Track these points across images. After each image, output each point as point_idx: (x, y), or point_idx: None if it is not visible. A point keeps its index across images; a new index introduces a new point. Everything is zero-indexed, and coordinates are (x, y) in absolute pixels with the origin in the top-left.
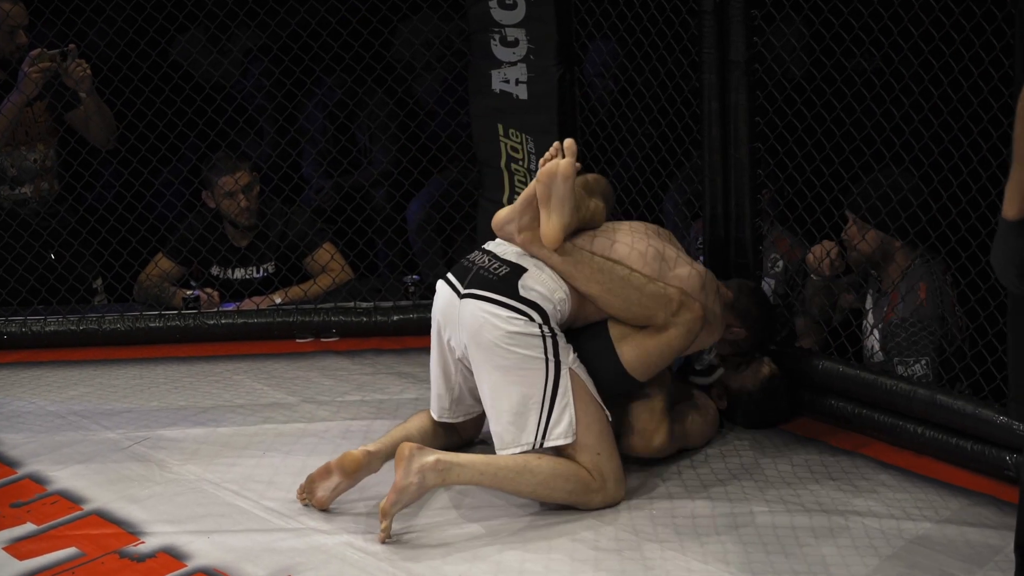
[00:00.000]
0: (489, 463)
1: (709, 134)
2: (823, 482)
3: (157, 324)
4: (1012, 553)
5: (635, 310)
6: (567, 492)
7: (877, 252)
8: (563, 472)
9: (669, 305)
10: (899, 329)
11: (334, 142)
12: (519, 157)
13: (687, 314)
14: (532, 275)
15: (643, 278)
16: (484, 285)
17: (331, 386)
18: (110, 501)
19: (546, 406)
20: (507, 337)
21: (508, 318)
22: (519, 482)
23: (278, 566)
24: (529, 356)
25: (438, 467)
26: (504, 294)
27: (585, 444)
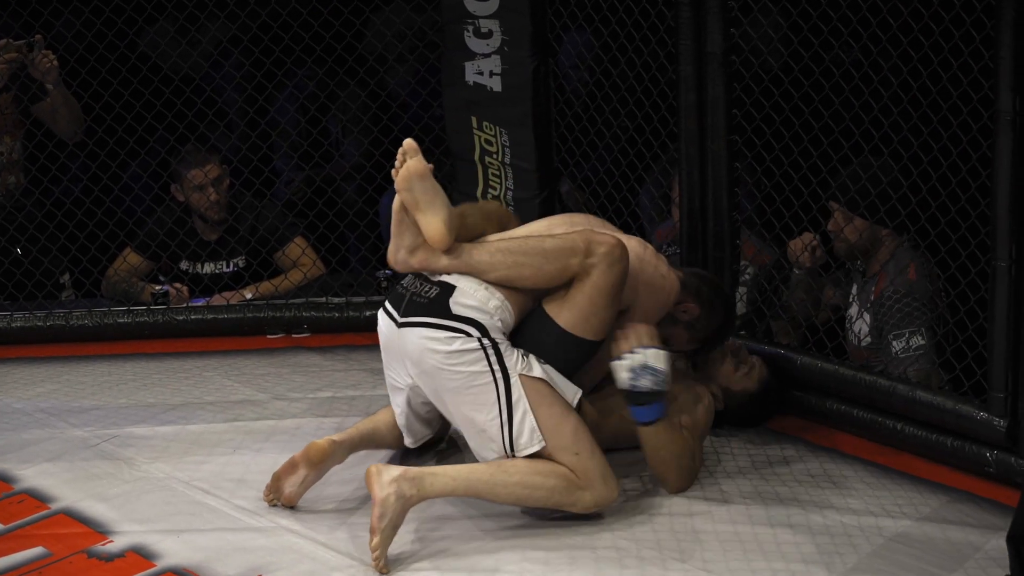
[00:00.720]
0: (461, 469)
1: (685, 127)
2: (801, 479)
3: (125, 320)
4: (992, 551)
5: (548, 269)
6: (548, 490)
7: (864, 241)
8: (540, 470)
9: (576, 248)
10: (891, 301)
11: (305, 135)
12: (493, 150)
13: (600, 248)
14: (462, 290)
15: (541, 238)
16: (418, 311)
17: (303, 383)
18: (78, 500)
19: (504, 418)
20: (448, 358)
21: (446, 339)
22: (495, 485)
23: (249, 566)
24: (474, 372)
25: (407, 476)
26: (437, 315)
27: (559, 446)
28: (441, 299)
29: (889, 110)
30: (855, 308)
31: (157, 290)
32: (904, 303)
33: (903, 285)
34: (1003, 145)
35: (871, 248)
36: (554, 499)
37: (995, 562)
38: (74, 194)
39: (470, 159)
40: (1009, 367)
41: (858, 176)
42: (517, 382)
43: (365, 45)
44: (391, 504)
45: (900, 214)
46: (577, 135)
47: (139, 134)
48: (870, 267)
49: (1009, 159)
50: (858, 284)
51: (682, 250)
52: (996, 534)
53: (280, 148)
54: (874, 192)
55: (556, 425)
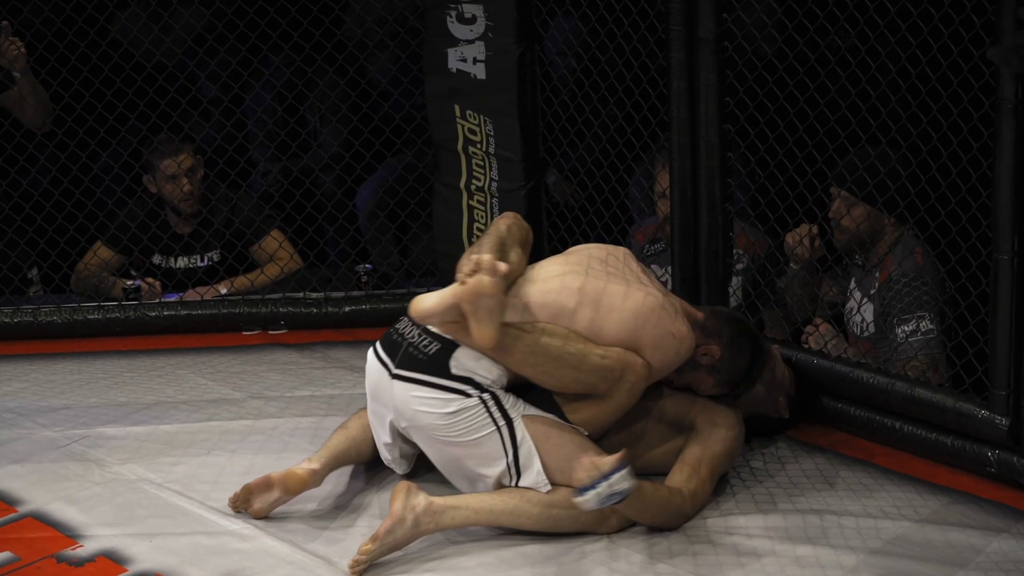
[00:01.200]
0: (484, 501)
1: (676, 115)
2: (797, 480)
3: (96, 316)
4: (994, 554)
5: (573, 387)
6: (574, 519)
7: (865, 231)
8: (562, 502)
9: (610, 375)
10: (900, 285)
11: (282, 124)
12: (477, 140)
13: (630, 377)
14: (465, 351)
15: (580, 351)
16: (414, 366)
17: (279, 381)
18: (47, 503)
19: (511, 465)
20: (445, 419)
21: (442, 400)
22: (519, 516)
23: (224, 570)
24: (475, 431)
25: (432, 510)
26: (435, 374)
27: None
28: (441, 358)
29: (887, 98)
30: (854, 299)
31: (128, 285)
32: (913, 286)
33: (911, 268)
34: (1005, 134)
35: (872, 239)
36: (580, 525)
37: (997, 565)
38: (43, 186)
39: (453, 149)
40: (1012, 364)
41: (863, 160)
42: (520, 424)
43: (344, 31)
44: (405, 527)
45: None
46: (564, 124)
47: (110, 124)
48: (869, 259)
49: (1011, 149)
50: (856, 277)
51: (674, 243)
52: (998, 536)
53: (256, 138)
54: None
55: (568, 456)
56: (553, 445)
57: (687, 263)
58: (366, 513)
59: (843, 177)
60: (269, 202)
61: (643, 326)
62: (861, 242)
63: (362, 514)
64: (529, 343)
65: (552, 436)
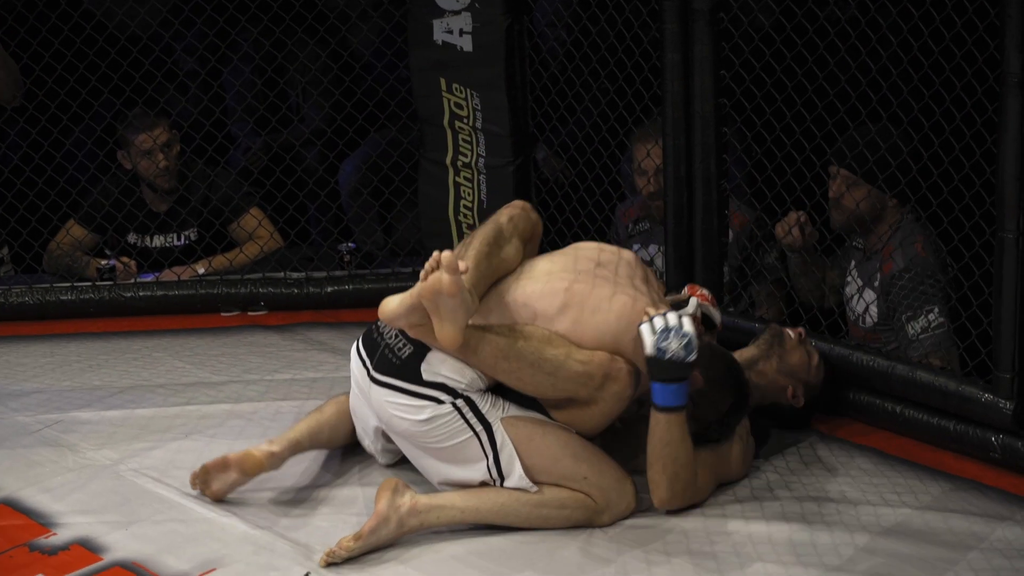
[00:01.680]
0: (469, 500)
1: (670, 89)
2: (794, 466)
3: (69, 297)
4: (997, 542)
5: (551, 394)
6: (565, 519)
7: (866, 211)
8: (553, 502)
9: (590, 382)
10: (904, 281)
11: (262, 98)
12: (463, 114)
13: (613, 386)
14: (437, 354)
15: (554, 358)
16: (388, 370)
17: (259, 364)
18: (18, 489)
19: (492, 467)
20: (420, 426)
21: (414, 407)
22: (507, 515)
23: (202, 559)
24: (451, 437)
25: (416, 509)
26: (407, 380)
27: (563, 476)
28: (412, 362)
29: (888, 71)
30: (854, 286)
31: (103, 265)
32: (917, 281)
33: (914, 263)
34: (1010, 109)
35: (873, 220)
36: (571, 523)
37: (1000, 553)
38: (13, 162)
39: (439, 124)
40: (1017, 346)
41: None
42: (499, 428)
43: (326, 1)
44: (389, 527)
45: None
46: (554, 98)
47: (83, 97)
48: (871, 243)
49: (1016, 124)
50: (856, 260)
51: (667, 222)
52: (1002, 524)
53: (235, 112)
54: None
55: (553, 457)
56: (537, 447)
57: (681, 242)
58: (349, 502)
59: (843, 154)
60: (248, 179)
61: (626, 330)
62: (862, 222)
63: (345, 503)
64: (501, 346)
65: (535, 437)
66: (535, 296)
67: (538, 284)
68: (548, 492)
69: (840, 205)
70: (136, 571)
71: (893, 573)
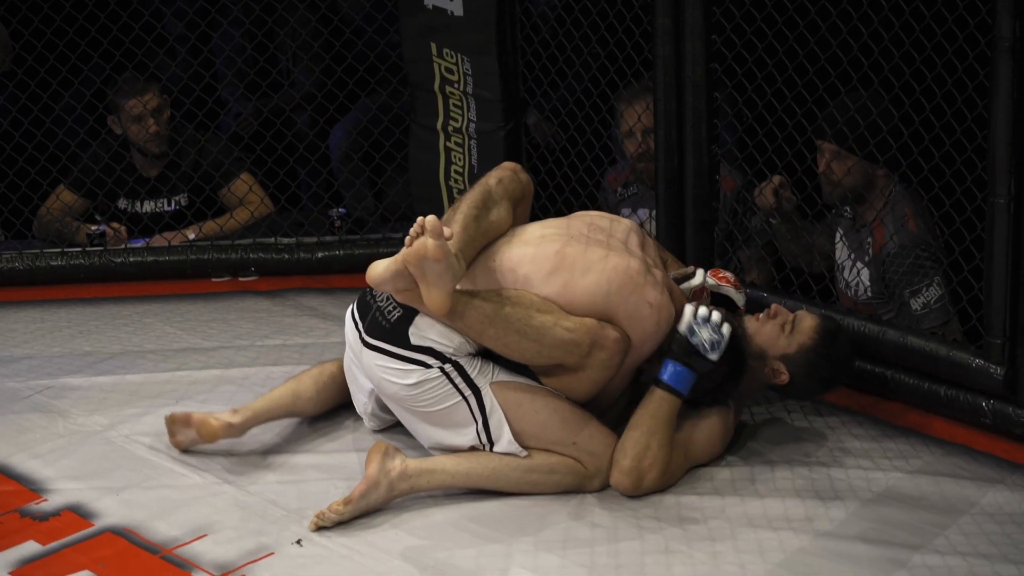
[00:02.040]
0: (460, 464)
1: (661, 53)
2: (785, 432)
3: (59, 263)
4: (988, 506)
5: (538, 360)
6: (554, 484)
7: (856, 182)
8: (542, 467)
9: (576, 350)
10: (899, 258)
11: (252, 63)
12: (454, 80)
13: (600, 353)
14: (424, 318)
15: (540, 325)
16: (378, 334)
17: (250, 329)
18: (9, 455)
19: (481, 432)
20: (408, 390)
21: (402, 371)
22: (497, 479)
23: (193, 524)
24: (440, 401)
25: (406, 473)
26: (395, 343)
27: (553, 441)
28: (401, 326)
29: (879, 36)
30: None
31: (93, 230)
32: (914, 259)
33: (907, 239)
34: (1002, 74)
35: (864, 190)
36: (561, 488)
37: (991, 518)
38: (2, 127)
39: (430, 89)
40: (1008, 311)
41: (848, 108)
42: (488, 392)
43: None
44: (379, 491)
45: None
46: (545, 63)
47: (72, 62)
48: (862, 214)
49: (1008, 89)
50: (844, 229)
51: (658, 187)
52: (992, 488)
53: (225, 77)
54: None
55: (542, 422)
56: (526, 412)
57: (672, 208)
58: (341, 467)
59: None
60: (239, 144)
61: (617, 292)
62: (854, 193)
63: (337, 468)
64: (488, 312)
65: (524, 402)
66: (526, 259)
67: (529, 248)
68: (538, 457)
69: (829, 180)
70: (127, 536)
71: (885, 538)
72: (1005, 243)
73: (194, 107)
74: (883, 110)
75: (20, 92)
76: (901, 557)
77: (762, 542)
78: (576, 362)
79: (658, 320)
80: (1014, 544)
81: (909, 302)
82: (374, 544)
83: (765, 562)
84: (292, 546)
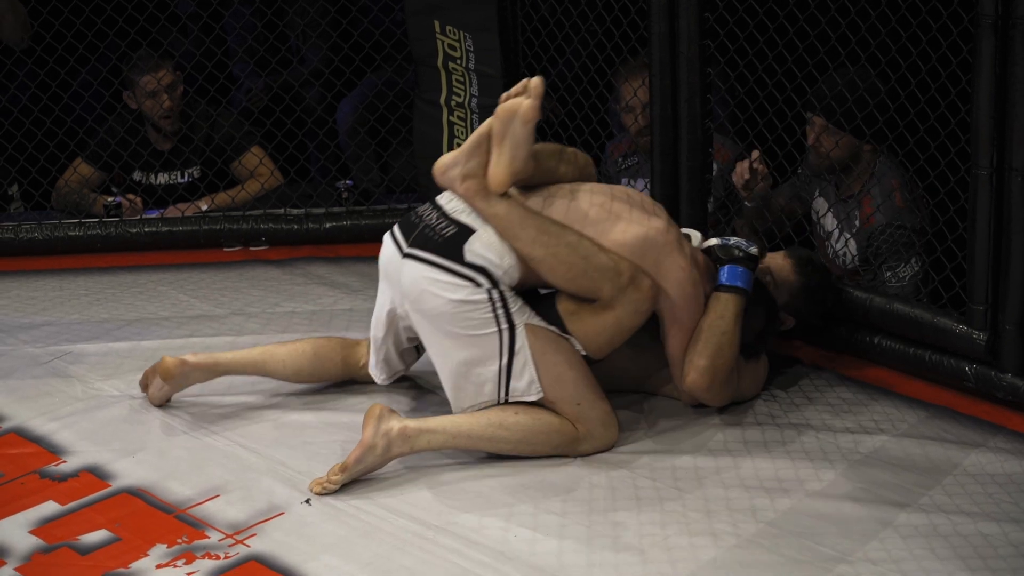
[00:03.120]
0: (460, 425)
1: (656, 30)
2: (776, 394)
3: (77, 233)
4: (971, 467)
5: (580, 280)
6: (551, 447)
7: (843, 154)
8: (542, 428)
9: (618, 279)
10: (884, 236)
11: (262, 40)
12: (457, 56)
13: (635, 293)
14: (481, 237)
15: (592, 246)
16: (427, 246)
17: (261, 297)
18: (29, 418)
19: (503, 367)
20: (451, 306)
21: (451, 285)
22: (496, 441)
23: (206, 486)
24: (478, 322)
25: (405, 434)
26: (448, 257)
27: (561, 397)
28: (456, 241)
29: (867, 13)
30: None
31: (109, 201)
32: (900, 234)
33: (893, 216)
34: (984, 50)
35: (851, 162)
36: (553, 451)
37: (974, 478)
38: (22, 102)
39: (433, 65)
40: (990, 279)
41: (836, 84)
42: (522, 332)
43: None
44: (376, 453)
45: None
46: (544, 40)
47: (88, 40)
48: (849, 185)
49: (990, 64)
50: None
51: (653, 160)
52: (975, 450)
53: (236, 54)
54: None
55: (559, 375)
56: (549, 360)
57: (667, 180)
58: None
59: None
60: (249, 118)
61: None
62: (842, 165)
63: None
64: (542, 221)
65: (549, 351)
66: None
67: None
68: (537, 418)
69: (818, 152)
70: (142, 497)
71: (872, 498)
72: (987, 213)
73: (206, 83)
74: (870, 86)
75: (39, 68)
76: (888, 516)
77: (754, 502)
78: (611, 294)
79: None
80: (995, 503)
81: (886, 276)
82: (381, 504)
83: (757, 521)
84: (301, 506)
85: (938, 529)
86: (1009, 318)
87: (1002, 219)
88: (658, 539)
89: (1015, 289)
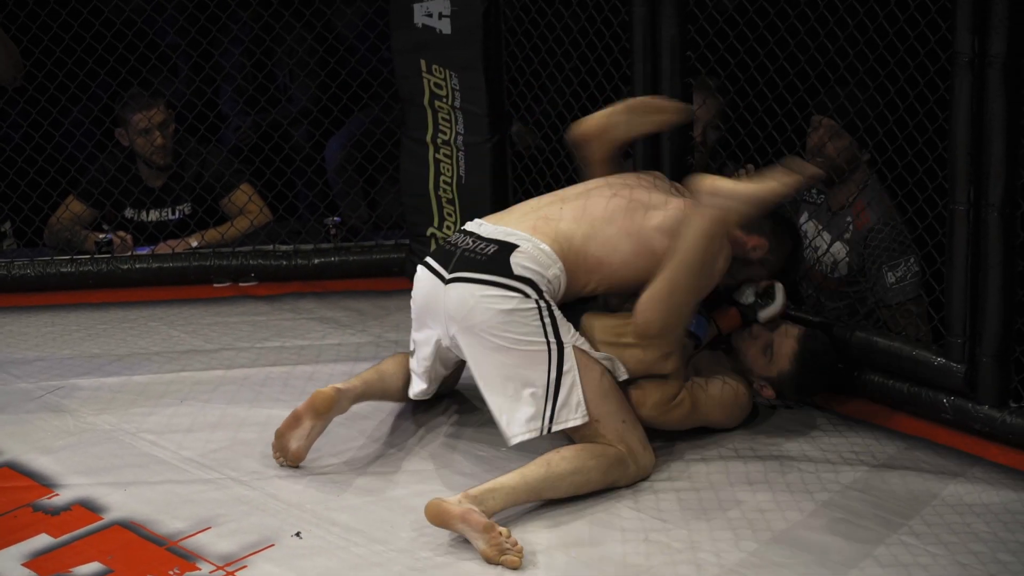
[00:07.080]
0: (513, 477)
1: (638, 70)
2: (756, 428)
3: (69, 269)
4: (949, 498)
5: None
6: (601, 471)
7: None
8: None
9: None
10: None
11: (251, 79)
12: (443, 94)
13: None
14: (524, 251)
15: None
16: (473, 267)
17: (250, 332)
18: (22, 453)
19: (552, 387)
20: (502, 316)
21: (501, 297)
22: (553, 480)
23: (198, 518)
24: (527, 336)
25: (470, 495)
26: (496, 273)
27: (606, 413)
28: (500, 257)
29: (845, 52)
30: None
31: (101, 238)
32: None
33: (889, 216)
34: (961, 87)
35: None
36: (607, 479)
37: (952, 509)
38: (14, 140)
39: (420, 103)
40: (967, 312)
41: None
42: (571, 353)
43: None
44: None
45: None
46: (528, 78)
47: (80, 79)
48: (837, 198)
49: (967, 102)
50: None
51: None
52: (953, 480)
53: (225, 92)
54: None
55: (606, 393)
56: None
57: None
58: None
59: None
60: (239, 156)
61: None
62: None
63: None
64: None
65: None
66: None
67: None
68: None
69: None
70: (134, 530)
71: (852, 528)
72: (964, 248)
73: (196, 121)
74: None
75: (31, 107)
76: (868, 547)
77: (736, 531)
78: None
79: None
80: (973, 533)
81: (885, 275)
82: (371, 536)
83: (739, 551)
84: (292, 538)
85: (918, 560)
86: (986, 351)
87: (979, 253)
88: (643, 569)
89: (992, 322)
